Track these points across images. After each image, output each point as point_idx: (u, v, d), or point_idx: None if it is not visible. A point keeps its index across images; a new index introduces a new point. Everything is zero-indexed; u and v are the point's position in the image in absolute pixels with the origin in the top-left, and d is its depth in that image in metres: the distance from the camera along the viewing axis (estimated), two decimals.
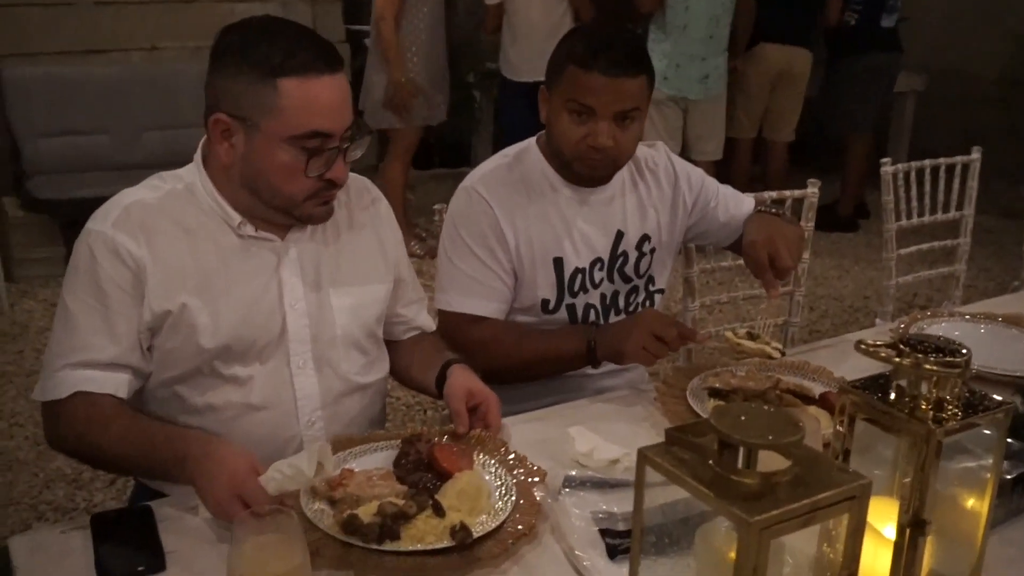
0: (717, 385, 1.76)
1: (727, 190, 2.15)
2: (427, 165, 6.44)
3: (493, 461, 1.52)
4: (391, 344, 1.85)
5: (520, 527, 1.35)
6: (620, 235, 2.02)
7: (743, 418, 0.99)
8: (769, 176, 5.52)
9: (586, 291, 2.01)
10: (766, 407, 1.05)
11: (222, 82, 1.52)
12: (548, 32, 4.74)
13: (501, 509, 1.39)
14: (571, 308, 2.01)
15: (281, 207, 1.58)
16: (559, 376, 1.95)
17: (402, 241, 1.84)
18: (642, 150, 2.08)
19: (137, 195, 1.58)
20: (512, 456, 1.53)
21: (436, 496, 1.38)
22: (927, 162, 2.99)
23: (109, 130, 5.01)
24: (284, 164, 1.52)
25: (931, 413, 1.12)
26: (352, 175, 1.70)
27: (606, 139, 1.85)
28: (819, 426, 1.45)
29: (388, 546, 1.28)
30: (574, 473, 1.42)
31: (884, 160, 2.92)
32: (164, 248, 1.54)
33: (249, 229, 1.60)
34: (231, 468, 1.35)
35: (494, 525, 1.34)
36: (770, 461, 0.97)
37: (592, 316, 2.03)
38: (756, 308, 4.38)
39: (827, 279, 5.07)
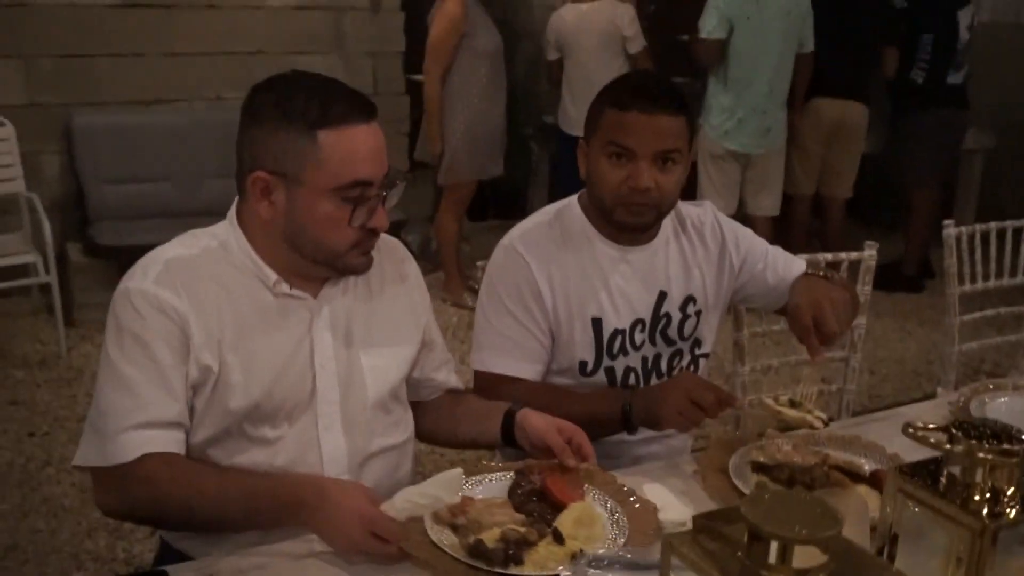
0: (761, 459, 1.68)
1: (777, 252, 2.09)
2: (482, 216, 6.44)
3: (603, 493, 1.58)
4: (416, 405, 1.82)
5: None
6: (663, 295, 1.97)
7: (777, 507, 0.92)
8: (827, 233, 5.44)
9: (626, 353, 1.96)
10: (804, 493, 0.98)
11: (259, 140, 1.52)
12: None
13: (617, 537, 1.45)
14: (610, 371, 1.96)
15: (324, 260, 1.58)
16: (595, 441, 1.89)
17: (429, 303, 1.83)
18: (688, 208, 2.04)
19: (174, 251, 1.58)
20: (623, 488, 1.59)
21: (555, 525, 1.45)
22: (992, 224, 2.88)
23: (172, 177, 5.11)
24: (328, 216, 1.52)
25: (986, 504, 1.04)
26: (384, 236, 1.70)
27: (647, 179, 1.82)
28: (867, 508, 1.36)
29: (513, 570, 1.36)
30: (603, 551, 1.35)
31: (947, 222, 2.82)
32: (205, 304, 1.53)
33: (284, 287, 1.59)
34: (354, 507, 1.39)
35: (615, 553, 1.34)
36: (806, 556, 0.90)
37: (632, 380, 1.97)
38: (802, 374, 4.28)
39: (888, 341, 4.93)
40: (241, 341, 1.54)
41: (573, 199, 2.01)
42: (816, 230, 5.58)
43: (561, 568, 1.34)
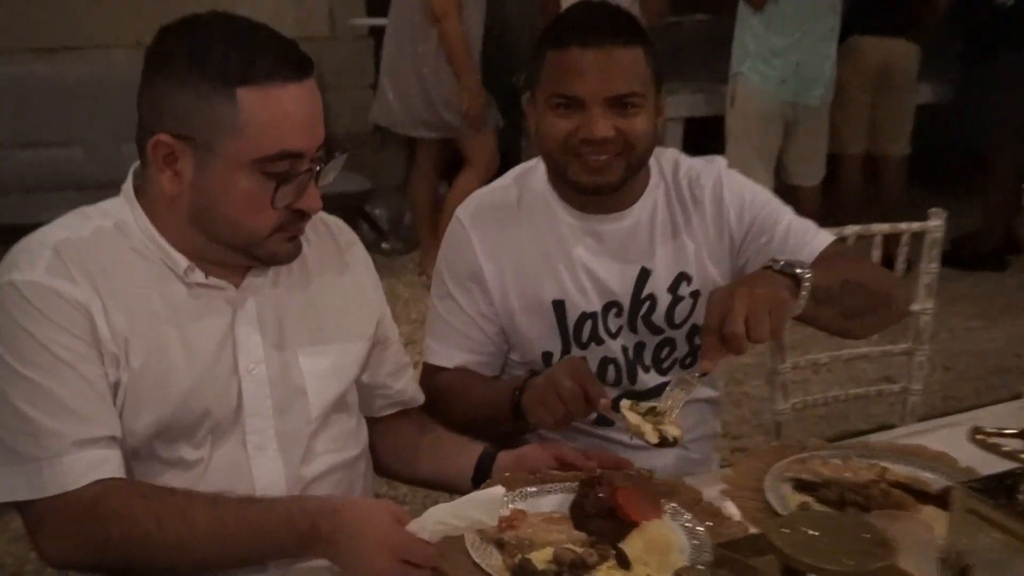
0: (804, 476, 1.67)
1: (794, 223, 1.98)
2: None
3: (685, 512, 1.58)
4: (368, 424, 1.81)
5: None
6: (645, 274, 1.95)
7: (814, 532, 0.91)
8: (883, 199, 5.45)
9: (600, 342, 1.95)
10: (852, 513, 0.97)
11: (165, 95, 1.48)
12: None
13: (695, 567, 1.41)
14: None
15: (240, 246, 1.55)
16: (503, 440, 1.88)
17: (383, 295, 1.82)
18: (690, 165, 2.00)
19: (61, 234, 1.53)
20: (710, 505, 1.60)
21: (620, 546, 1.45)
22: None
23: (82, 141, 5.11)
24: (246, 193, 1.49)
25: None
26: (322, 214, 1.69)
27: (603, 128, 1.79)
28: (933, 535, 1.35)
29: None
30: None
31: None
32: (107, 297, 1.50)
33: (198, 276, 1.56)
34: (379, 533, 1.38)
35: None
36: None
37: (612, 373, 1.97)
38: (846, 372, 4.28)
39: (967, 331, 4.93)
40: (148, 343, 1.51)
41: (538, 160, 2.00)
42: (871, 196, 5.57)
43: None
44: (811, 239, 1.95)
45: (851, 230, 2.40)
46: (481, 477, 1.73)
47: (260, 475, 1.59)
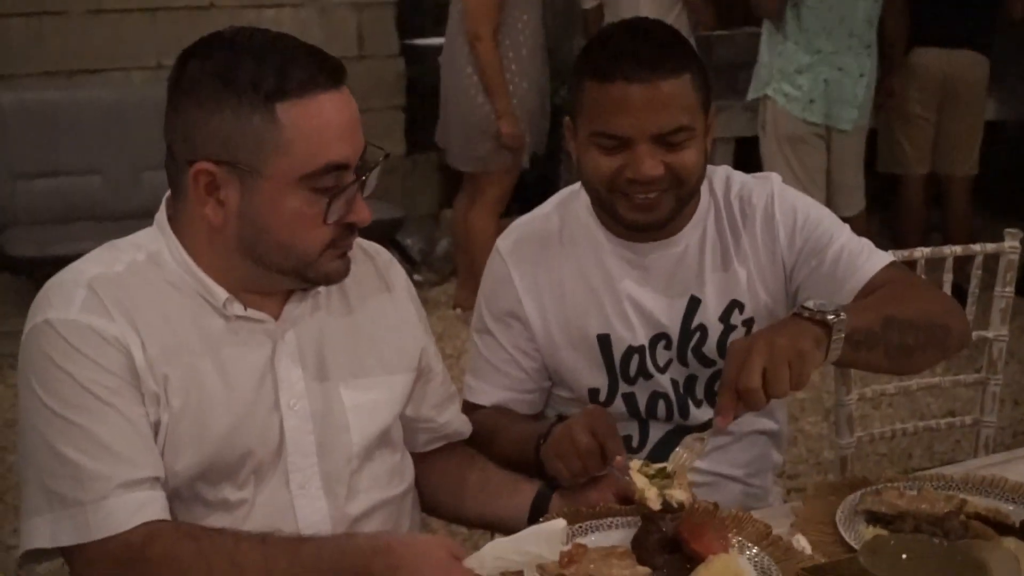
0: (878, 508, 1.68)
1: (851, 246, 1.94)
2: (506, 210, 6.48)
3: (753, 546, 1.60)
4: (413, 457, 1.83)
5: None
6: (695, 303, 1.96)
7: (905, 556, 0.93)
8: (948, 224, 5.40)
9: (648, 377, 1.97)
10: (938, 540, 0.99)
11: (197, 121, 1.49)
12: None
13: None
14: (630, 398, 1.98)
15: (292, 269, 1.57)
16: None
17: (426, 322, 1.84)
18: (742, 184, 2.00)
19: (93, 270, 1.55)
20: (779, 539, 1.61)
21: None
22: None
23: (101, 170, 5.17)
24: (297, 213, 1.51)
25: None
26: (362, 241, 1.72)
27: (651, 167, 1.79)
28: (1018, 565, 1.36)
29: None
30: None
31: None
32: (147, 334, 1.52)
33: (237, 308, 1.58)
34: (436, 571, 1.40)
35: None
36: None
37: (662, 409, 1.98)
38: (909, 406, 4.26)
39: None
40: (187, 381, 1.54)
41: (579, 186, 2.00)
42: (935, 221, 5.55)
43: None
44: (863, 263, 1.91)
45: (921, 253, 2.42)
46: (536, 518, 1.73)
47: (304, 515, 1.61)
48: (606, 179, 1.83)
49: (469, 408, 1.98)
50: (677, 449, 1.66)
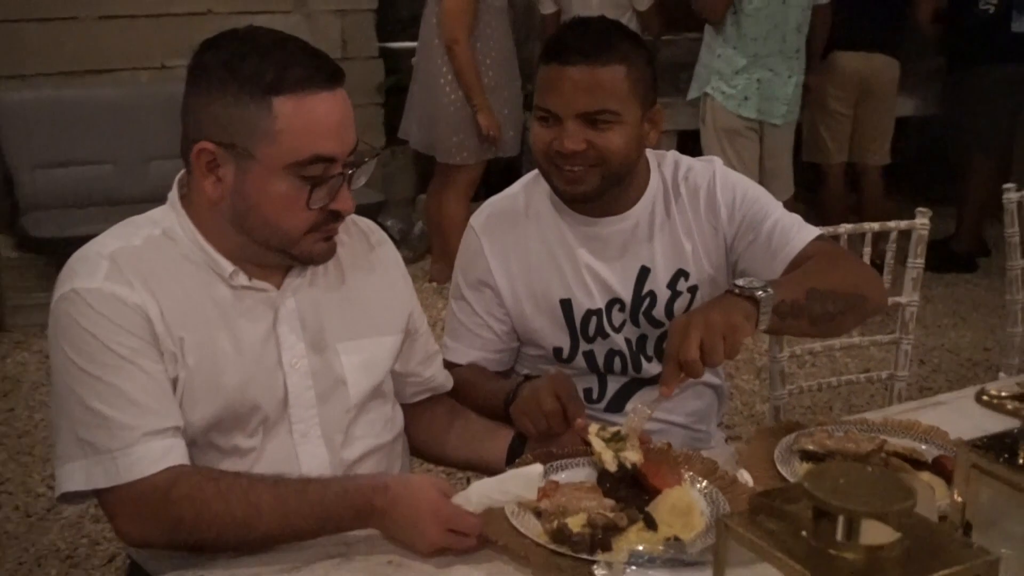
0: (811, 447, 1.72)
1: (784, 221, 1.95)
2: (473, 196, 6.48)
3: (703, 480, 1.64)
4: (402, 407, 1.85)
5: None
6: (645, 272, 1.98)
7: (842, 481, 0.96)
8: (863, 206, 5.45)
9: (605, 336, 2.00)
10: (869, 468, 1.02)
11: (205, 105, 1.51)
12: None
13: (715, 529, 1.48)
14: (590, 355, 2.01)
15: (277, 246, 1.57)
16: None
17: (414, 291, 1.86)
18: (688, 166, 2.02)
19: (114, 244, 1.56)
20: (725, 474, 1.65)
21: (647, 510, 1.52)
22: None
23: (113, 159, 5.13)
24: (282, 196, 1.51)
25: None
26: (355, 217, 1.73)
27: (572, 142, 1.81)
28: (933, 495, 1.40)
29: (600, 556, 1.41)
30: (640, 548, 1.40)
31: (1008, 186, 2.87)
32: (162, 301, 1.53)
33: (242, 279, 1.59)
34: (427, 507, 1.45)
35: (711, 542, 1.39)
36: (875, 533, 0.94)
37: (618, 364, 2.02)
38: (829, 365, 4.33)
39: (940, 328, 4.99)
40: (200, 343, 1.55)
41: None
42: (852, 205, 5.62)
43: (596, 567, 1.38)
44: (794, 236, 1.93)
45: (844, 228, 2.46)
46: (513, 460, 1.76)
47: (306, 460, 1.63)
48: (542, 150, 1.87)
49: (447, 366, 1.99)
50: (630, 415, 1.68)
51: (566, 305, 1.98)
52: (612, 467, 1.59)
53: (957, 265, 5.67)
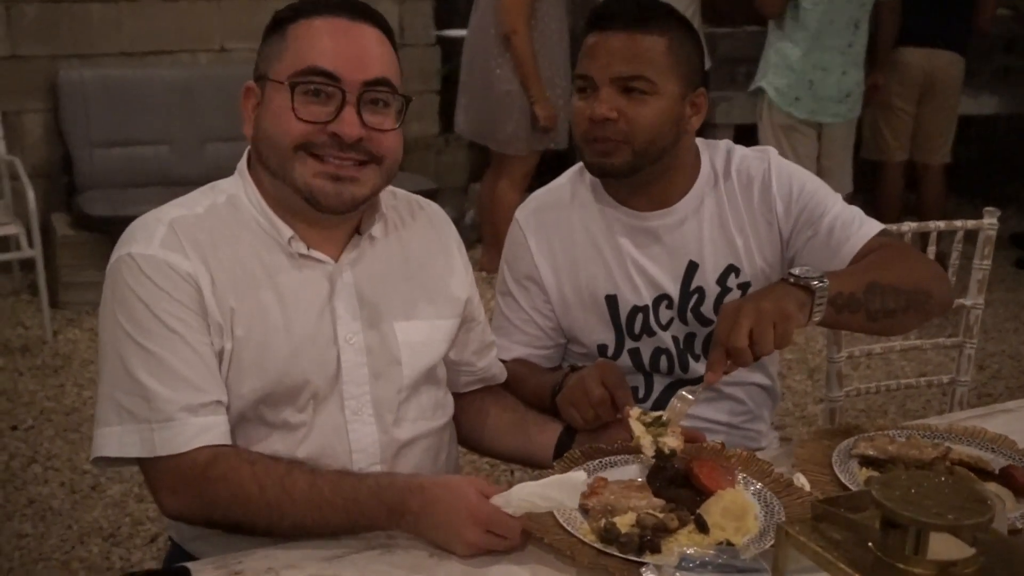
0: (871, 452, 1.65)
1: (844, 215, 1.87)
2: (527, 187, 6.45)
3: (758, 482, 1.57)
4: (454, 397, 1.81)
5: None
6: (693, 267, 1.91)
7: (913, 490, 0.90)
8: (924, 206, 5.33)
9: (651, 334, 1.93)
10: (942, 478, 0.95)
11: (256, 59, 1.59)
12: None
13: (769, 532, 1.43)
14: (635, 353, 1.94)
15: (278, 170, 1.53)
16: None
17: (474, 279, 1.81)
18: (741, 156, 1.94)
19: (176, 211, 1.56)
20: (780, 477, 1.59)
21: (699, 512, 1.46)
22: None
23: (170, 140, 5.15)
24: (279, 108, 1.52)
25: None
26: (420, 199, 1.72)
27: (605, 108, 1.76)
28: (1004, 507, 1.33)
29: (648, 559, 1.35)
30: (691, 551, 1.33)
31: None
32: (216, 270, 1.51)
33: (301, 247, 1.57)
34: (466, 509, 1.40)
35: (766, 547, 1.36)
36: (947, 547, 0.87)
37: (664, 363, 1.95)
38: (884, 368, 4.22)
39: (1002, 332, 4.85)
40: (252, 313, 1.52)
41: None
42: (911, 204, 5.50)
43: (644, 570, 1.32)
44: (856, 230, 1.85)
45: (908, 227, 2.38)
46: (561, 454, 1.70)
47: (356, 438, 1.59)
48: (579, 123, 1.82)
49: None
50: (672, 400, 1.63)
51: (611, 301, 1.92)
52: (650, 452, 1.54)
53: None
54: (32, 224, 4.35)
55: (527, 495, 1.39)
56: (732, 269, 1.91)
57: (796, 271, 1.63)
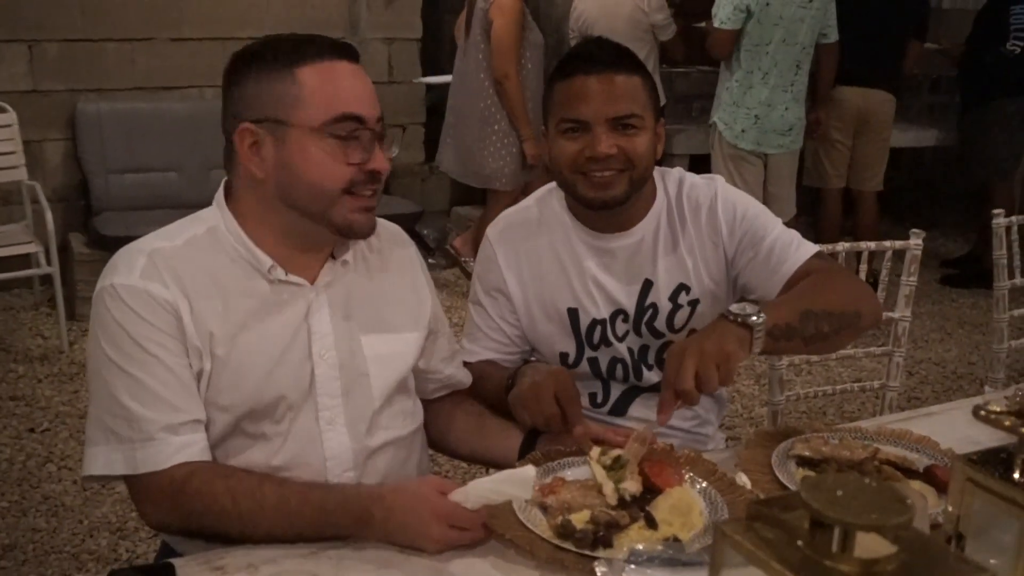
0: (807, 453, 1.62)
1: (782, 239, 1.84)
2: None
3: (703, 481, 1.55)
4: (423, 403, 1.77)
5: None
6: (648, 285, 1.88)
7: (840, 492, 0.86)
8: (859, 229, 5.33)
9: (608, 344, 1.90)
10: (867, 480, 0.92)
11: (239, 95, 1.49)
12: None
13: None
14: (594, 362, 1.92)
15: (319, 210, 1.50)
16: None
17: (435, 291, 1.78)
18: (691, 183, 1.91)
19: (156, 243, 1.51)
20: (724, 476, 1.57)
21: (648, 509, 1.44)
22: None
23: (179, 167, 5.10)
24: (321, 154, 1.46)
25: None
26: (383, 221, 1.66)
27: (605, 145, 1.74)
28: (926, 504, 1.31)
29: (601, 552, 1.34)
30: (640, 547, 1.30)
31: (996, 211, 2.75)
32: (193, 297, 1.47)
33: (279, 273, 1.53)
34: (426, 507, 1.37)
35: (709, 542, 1.33)
36: (871, 546, 0.84)
37: (620, 371, 1.92)
38: (824, 375, 4.21)
39: (929, 342, 4.85)
40: (232, 335, 1.48)
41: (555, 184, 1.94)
42: (848, 227, 5.50)
43: (596, 564, 1.28)
44: (793, 252, 1.82)
45: (842, 247, 2.36)
46: (524, 455, 1.67)
47: (330, 446, 1.55)
48: (569, 160, 1.77)
49: (464, 366, 1.91)
50: (630, 440, 1.56)
51: (573, 314, 1.90)
52: (613, 501, 1.46)
53: (981, 282, 5.47)
54: (51, 243, 4.31)
55: (482, 491, 1.37)
56: (683, 287, 1.88)
57: (735, 308, 1.58)
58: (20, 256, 4.36)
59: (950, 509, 1.12)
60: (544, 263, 1.90)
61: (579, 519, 1.40)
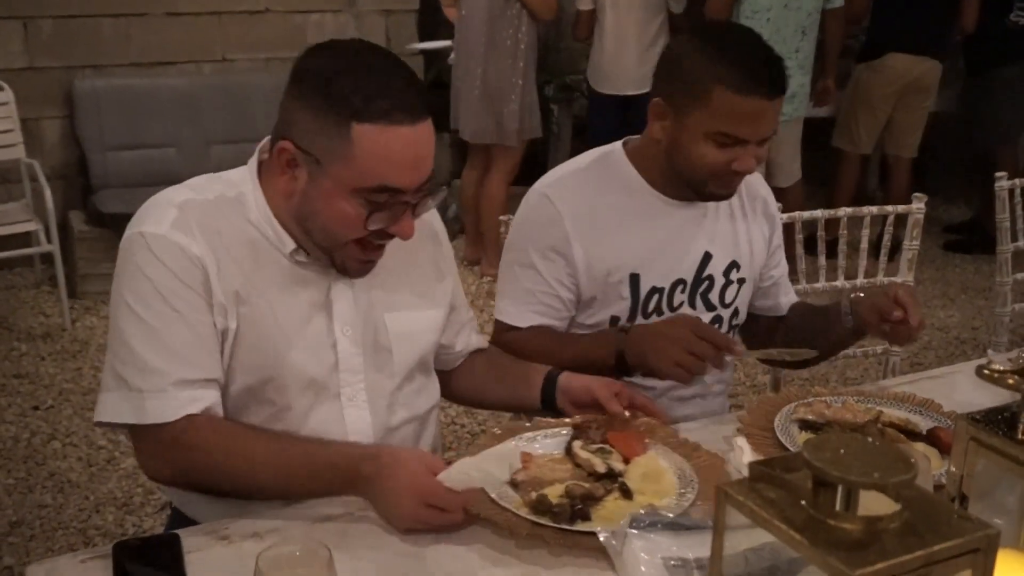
0: (809, 417, 1.63)
1: (784, 279, 2.09)
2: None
3: (666, 447, 1.56)
4: (440, 374, 1.77)
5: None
6: (707, 257, 1.90)
7: (842, 451, 0.87)
8: (892, 195, 5.23)
9: (661, 314, 1.89)
10: (869, 440, 0.92)
11: (297, 110, 1.43)
12: (646, 43, 4.66)
13: (686, 491, 1.43)
14: None
15: (325, 248, 1.50)
16: None
17: (455, 265, 1.77)
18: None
19: (187, 194, 1.50)
20: (686, 441, 1.58)
21: (622, 479, 1.44)
22: None
23: (177, 143, 5.07)
24: (344, 213, 1.43)
25: None
26: None
27: (755, 164, 1.78)
28: (929, 466, 1.31)
29: (580, 526, 1.33)
30: (643, 512, 1.30)
31: (999, 175, 2.74)
32: (221, 253, 1.46)
33: (301, 256, 1.52)
34: (409, 481, 1.35)
35: (686, 505, 1.39)
36: (874, 504, 0.84)
37: None
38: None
39: (931, 307, 4.84)
40: (255, 301, 1.48)
41: (616, 146, 1.92)
42: (874, 193, 5.46)
43: (599, 529, 1.29)
44: (782, 296, 2.07)
45: (844, 212, 2.36)
46: (548, 396, 1.70)
47: (351, 422, 1.56)
48: (713, 167, 1.76)
49: (503, 327, 1.90)
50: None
51: (634, 280, 1.88)
52: (602, 469, 1.47)
53: (984, 247, 5.45)
54: (51, 221, 4.29)
55: (465, 469, 1.37)
56: (735, 264, 1.94)
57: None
58: (20, 235, 4.35)
59: (953, 470, 1.12)
60: (609, 224, 1.87)
61: (553, 493, 1.39)
